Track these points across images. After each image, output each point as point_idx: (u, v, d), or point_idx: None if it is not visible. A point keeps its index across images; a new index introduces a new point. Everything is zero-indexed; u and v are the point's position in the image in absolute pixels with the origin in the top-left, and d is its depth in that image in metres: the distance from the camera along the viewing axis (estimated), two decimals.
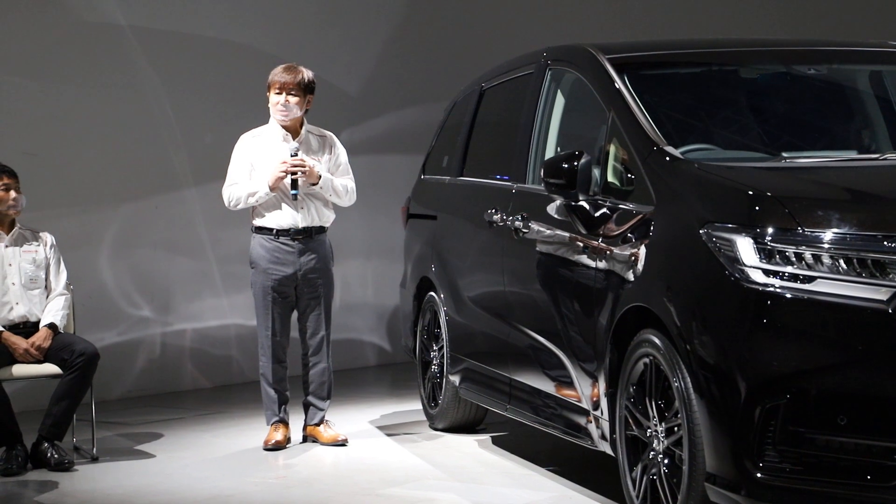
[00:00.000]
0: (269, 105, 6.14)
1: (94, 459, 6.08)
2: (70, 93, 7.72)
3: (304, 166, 6.02)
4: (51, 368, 6.00)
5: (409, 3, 9.12)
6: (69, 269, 6.31)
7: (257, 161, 6.13)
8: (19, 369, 5.99)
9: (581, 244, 4.75)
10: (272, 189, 6.03)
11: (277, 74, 6.10)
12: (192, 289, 8.18)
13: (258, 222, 6.18)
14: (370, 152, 8.86)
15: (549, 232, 5.06)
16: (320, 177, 6.08)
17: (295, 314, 6.27)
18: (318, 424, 6.22)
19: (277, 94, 6.08)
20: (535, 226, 5.19)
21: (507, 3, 9.45)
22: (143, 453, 6.29)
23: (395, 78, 9.00)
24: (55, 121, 7.67)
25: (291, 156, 6.05)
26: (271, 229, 6.13)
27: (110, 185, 7.88)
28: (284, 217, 6.10)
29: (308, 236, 6.13)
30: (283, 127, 6.13)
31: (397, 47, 8.98)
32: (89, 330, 6.94)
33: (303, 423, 6.30)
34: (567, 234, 4.87)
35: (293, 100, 6.07)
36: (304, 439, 6.27)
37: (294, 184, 6.04)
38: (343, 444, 6.16)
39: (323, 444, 6.17)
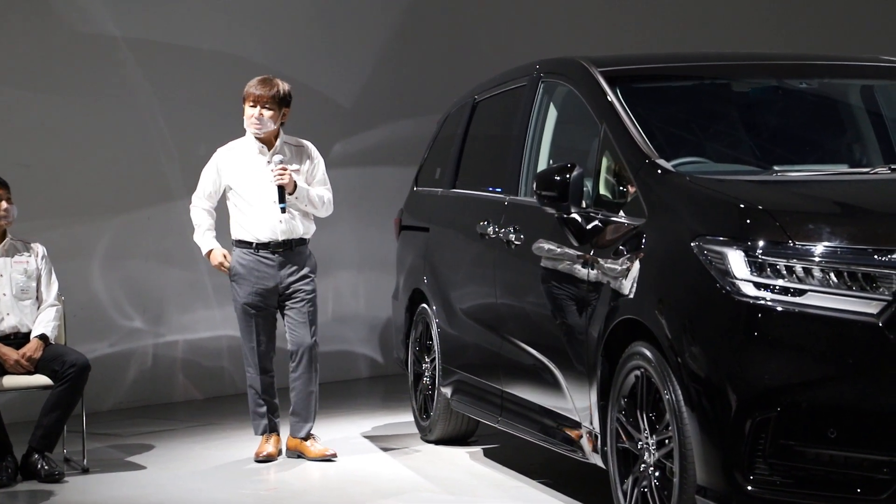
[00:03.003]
0: (244, 117, 6.11)
1: (85, 471, 6.06)
2: (63, 104, 7.72)
3: (285, 171, 5.97)
4: (41, 379, 5.98)
5: (403, 16, 9.14)
6: (61, 279, 6.30)
7: (234, 174, 6.09)
8: (10, 380, 5.98)
9: (573, 256, 4.75)
10: (211, 262, 6.17)
11: (252, 87, 6.08)
12: (184, 300, 8.17)
13: (237, 235, 6.14)
14: (363, 164, 8.86)
15: (541, 244, 5.06)
16: (296, 186, 6.05)
17: (280, 325, 6.24)
18: (304, 439, 6.16)
19: (252, 106, 6.06)
20: (527, 238, 5.20)
21: (500, 15, 9.47)
22: (134, 465, 6.27)
23: (388, 90, 9.01)
24: (48, 131, 7.67)
25: (276, 164, 6.00)
26: (251, 243, 6.09)
27: (103, 196, 7.88)
28: (263, 230, 6.06)
29: (289, 248, 6.10)
30: (259, 139, 6.11)
31: (390, 59, 8.99)
32: (81, 341, 6.93)
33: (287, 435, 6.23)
34: (559, 247, 4.88)
35: (267, 113, 6.04)
36: (287, 453, 6.19)
37: (282, 197, 6.00)
38: (331, 458, 6.12)
39: (310, 459, 6.12)
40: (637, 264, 4.33)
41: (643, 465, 4.29)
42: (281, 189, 5.99)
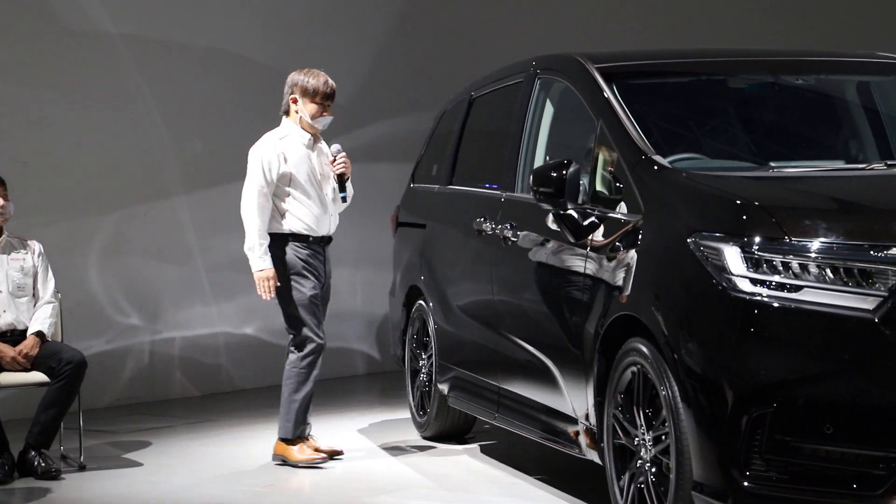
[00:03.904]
0: (302, 112, 5.93)
1: (82, 468, 6.06)
2: (59, 101, 7.71)
3: (347, 160, 5.95)
4: (38, 377, 5.98)
5: (400, 13, 9.14)
6: (57, 276, 6.29)
7: (295, 164, 5.92)
8: (6, 377, 5.97)
9: (569, 253, 4.75)
10: (257, 279, 5.83)
11: (321, 84, 5.94)
12: (180, 297, 8.17)
13: (293, 228, 5.91)
14: (360, 160, 8.83)
15: (537, 240, 5.06)
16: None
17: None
18: (305, 439, 6.06)
19: (320, 104, 5.94)
20: (523, 234, 5.20)
21: (497, 12, 9.47)
22: (131, 462, 6.27)
23: (385, 87, 9.01)
24: (44, 128, 7.66)
25: (335, 154, 5.96)
26: (307, 237, 5.93)
27: (99, 192, 7.87)
28: (318, 223, 5.94)
29: (328, 244, 6.05)
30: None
31: (387, 56, 8.99)
32: (77, 338, 6.93)
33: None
34: (556, 243, 4.88)
35: (329, 110, 6.00)
36: (276, 457, 6.05)
37: (343, 186, 5.94)
38: (339, 456, 6.05)
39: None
40: (633, 260, 4.33)
41: (640, 462, 4.29)
42: (341, 178, 5.94)
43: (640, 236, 4.35)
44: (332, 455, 6.06)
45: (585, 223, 4.66)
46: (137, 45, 7.97)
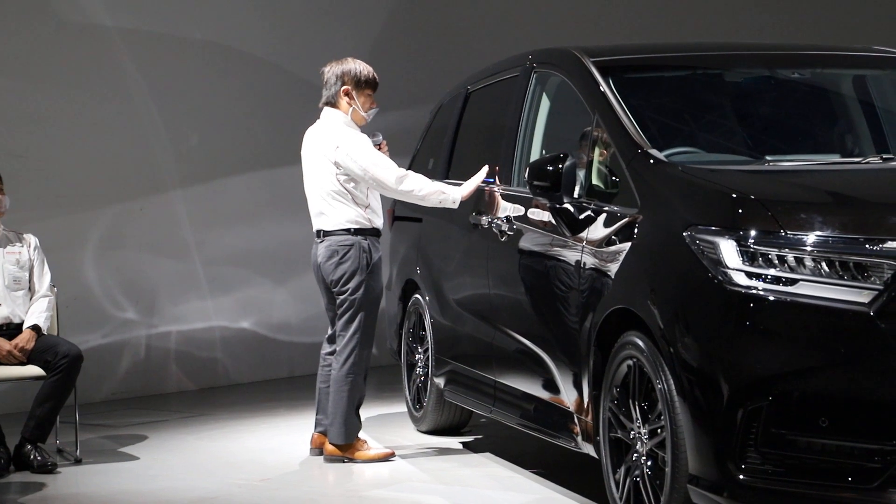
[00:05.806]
0: (356, 104, 5.82)
1: (78, 461, 6.06)
2: (55, 94, 7.70)
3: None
4: (34, 370, 5.98)
5: (395, 6, 9.13)
6: (53, 270, 6.29)
7: None
8: (2, 371, 5.97)
9: (565, 246, 4.76)
10: (463, 199, 5.62)
11: (371, 75, 5.87)
12: (177, 291, 8.17)
13: (376, 223, 5.81)
14: None
15: (533, 234, 5.07)
16: None
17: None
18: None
19: (370, 96, 5.86)
20: (519, 228, 5.20)
21: (492, 5, 9.47)
22: (127, 455, 6.27)
23: (381, 80, 8.99)
24: (40, 122, 7.66)
25: (379, 142, 5.90)
26: (375, 230, 5.82)
27: (95, 186, 7.87)
28: (376, 217, 5.86)
29: None
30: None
31: (383, 50, 8.98)
32: (73, 332, 6.93)
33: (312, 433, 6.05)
34: (552, 237, 4.88)
35: None
36: (314, 451, 6.01)
37: None
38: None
39: (334, 457, 5.90)
40: (629, 254, 4.33)
41: (635, 455, 4.29)
42: None
43: (635, 230, 4.35)
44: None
45: (581, 217, 4.66)
46: (133, 39, 7.96)
